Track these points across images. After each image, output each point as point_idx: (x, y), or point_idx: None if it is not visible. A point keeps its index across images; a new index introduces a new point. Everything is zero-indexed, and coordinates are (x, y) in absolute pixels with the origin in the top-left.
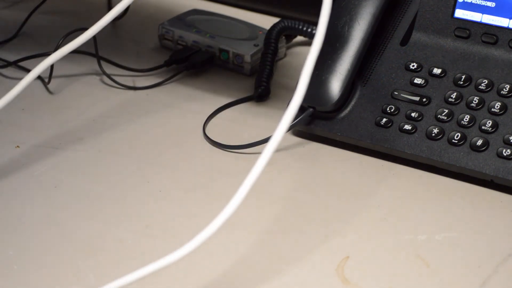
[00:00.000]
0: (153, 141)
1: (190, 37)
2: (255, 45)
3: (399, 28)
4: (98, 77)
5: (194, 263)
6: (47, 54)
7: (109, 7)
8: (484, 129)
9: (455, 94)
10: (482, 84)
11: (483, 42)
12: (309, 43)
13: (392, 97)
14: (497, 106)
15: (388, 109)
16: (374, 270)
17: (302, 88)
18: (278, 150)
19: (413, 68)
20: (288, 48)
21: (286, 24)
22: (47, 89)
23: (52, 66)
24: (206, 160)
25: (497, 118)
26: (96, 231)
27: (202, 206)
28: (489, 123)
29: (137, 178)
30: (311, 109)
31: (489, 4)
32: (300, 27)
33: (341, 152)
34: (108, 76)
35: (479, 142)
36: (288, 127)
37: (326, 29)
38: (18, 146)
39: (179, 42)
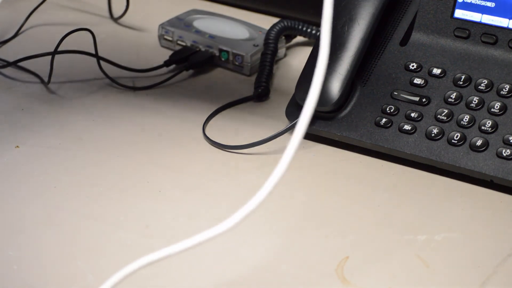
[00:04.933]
0: (153, 141)
1: (190, 37)
2: (255, 45)
3: (399, 28)
4: (98, 77)
5: (191, 262)
6: (47, 54)
7: (109, 7)
8: (483, 129)
9: (454, 94)
10: (482, 84)
11: (483, 42)
12: (309, 43)
13: (392, 97)
14: (496, 106)
15: (387, 109)
16: (374, 270)
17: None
18: (277, 150)
19: (412, 68)
20: (288, 48)
21: (286, 24)
22: (47, 89)
23: (52, 66)
24: (206, 160)
25: (497, 118)
26: (95, 231)
27: (202, 206)
28: (488, 123)
29: (137, 178)
30: None
31: (489, 4)
32: (300, 27)
33: (341, 152)
34: (108, 76)
35: (479, 142)
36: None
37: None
38: (18, 146)
39: (179, 42)
